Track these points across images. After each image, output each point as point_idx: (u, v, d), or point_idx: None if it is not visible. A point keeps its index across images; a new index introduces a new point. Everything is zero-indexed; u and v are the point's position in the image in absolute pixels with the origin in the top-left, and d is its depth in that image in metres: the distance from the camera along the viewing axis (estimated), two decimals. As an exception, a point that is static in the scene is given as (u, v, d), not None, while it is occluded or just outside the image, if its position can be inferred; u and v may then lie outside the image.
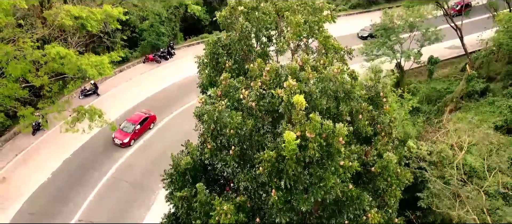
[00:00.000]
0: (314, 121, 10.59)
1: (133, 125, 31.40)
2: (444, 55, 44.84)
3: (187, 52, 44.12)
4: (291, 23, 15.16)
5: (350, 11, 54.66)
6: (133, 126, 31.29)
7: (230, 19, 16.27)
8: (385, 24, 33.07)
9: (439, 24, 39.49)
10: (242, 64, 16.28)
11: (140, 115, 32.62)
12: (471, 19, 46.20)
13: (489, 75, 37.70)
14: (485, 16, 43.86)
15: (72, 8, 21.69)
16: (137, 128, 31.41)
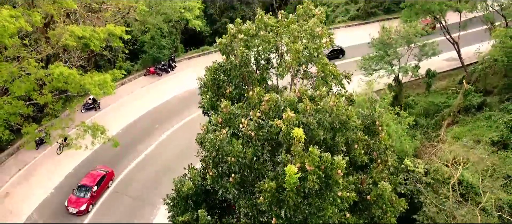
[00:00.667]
0: (313, 154, 11.01)
1: (90, 187, 26.89)
2: (442, 67, 45.35)
3: (188, 64, 44.74)
4: (291, 50, 15.62)
5: (349, 23, 55.22)
6: (90, 189, 26.81)
7: (231, 46, 16.73)
8: (382, 39, 33.57)
9: (437, 35, 40.11)
10: (242, 89, 16.73)
11: (96, 173, 28.06)
12: (469, 31, 46.70)
13: (486, 89, 38.13)
14: (483, 28, 44.36)
15: (76, 29, 22.14)
16: (94, 190, 26.91)
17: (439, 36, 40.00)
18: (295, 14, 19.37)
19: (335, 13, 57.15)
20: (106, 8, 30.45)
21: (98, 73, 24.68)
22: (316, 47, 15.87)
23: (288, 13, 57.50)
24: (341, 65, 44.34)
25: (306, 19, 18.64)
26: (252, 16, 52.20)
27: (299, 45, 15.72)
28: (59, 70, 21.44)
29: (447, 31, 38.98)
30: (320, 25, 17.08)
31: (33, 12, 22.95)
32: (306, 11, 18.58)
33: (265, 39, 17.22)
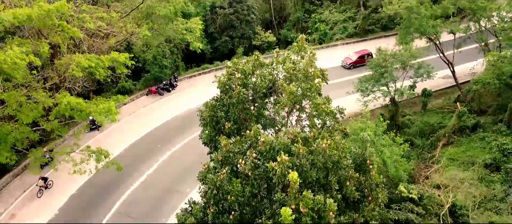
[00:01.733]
0: (307, 197, 11.85)
1: None
2: (438, 85, 46.25)
3: (189, 83, 45.74)
4: (286, 91, 16.54)
5: (347, 40, 56.28)
6: None
7: (228, 84, 17.64)
8: (378, 62, 34.53)
9: (434, 53, 41.05)
10: (241, 124, 17.61)
11: None
12: (464, 48, 47.62)
13: (481, 108, 39.03)
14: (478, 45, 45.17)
15: (82, 60, 23.09)
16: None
17: (435, 54, 41.04)
18: (291, 48, 20.33)
19: (333, 30, 58.25)
20: (110, 32, 31.47)
21: (102, 100, 25.60)
22: (309, 88, 16.78)
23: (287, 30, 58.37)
24: (340, 83, 45.68)
25: (301, 55, 19.56)
26: (252, 34, 53.51)
27: (293, 87, 16.66)
28: (66, 100, 22.36)
29: (441, 51, 39.97)
30: (312, 65, 17.99)
31: (41, 43, 23.98)
32: (301, 49, 19.52)
33: (262, 77, 18.15)
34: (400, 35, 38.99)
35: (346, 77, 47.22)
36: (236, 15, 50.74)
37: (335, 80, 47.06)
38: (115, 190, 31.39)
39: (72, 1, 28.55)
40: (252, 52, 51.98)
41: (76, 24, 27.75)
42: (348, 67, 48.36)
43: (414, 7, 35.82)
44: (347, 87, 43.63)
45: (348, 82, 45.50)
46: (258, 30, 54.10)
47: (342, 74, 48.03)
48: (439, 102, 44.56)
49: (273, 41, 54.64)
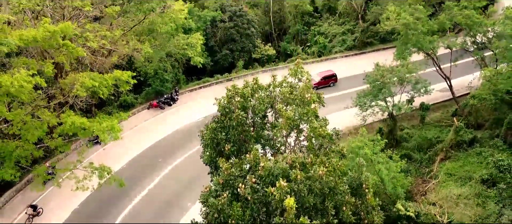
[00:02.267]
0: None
1: None
2: (436, 98, 46.78)
3: (190, 97, 46.30)
4: (283, 116, 17.07)
5: (346, 53, 56.92)
6: None
7: (228, 107, 18.18)
8: (376, 78, 35.09)
9: (431, 66, 41.60)
10: (241, 145, 18.12)
11: None
12: (462, 61, 48.19)
13: (478, 122, 39.52)
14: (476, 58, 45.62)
15: (86, 80, 23.67)
16: None
17: (433, 67, 41.59)
18: (289, 72, 20.90)
19: (332, 43, 58.91)
20: (113, 50, 32.11)
21: (105, 118, 26.16)
22: (305, 113, 17.31)
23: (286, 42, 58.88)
24: (342, 96, 46.26)
25: (298, 77, 20.10)
26: (252, 48, 54.18)
27: (290, 112, 17.20)
28: (70, 120, 22.90)
29: (438, 66, 40.58)
30: (309, 90, 18.53)
31: (46, 63, 24.60)
32: (297, 72, 20.09)
33: (260, 100, 18.70)
34: (397, 50, 39.60)
35: (344, 91, 47.89)
36: (236, 29, 51.45)
37: (333, 94, 47.79)
38: (117, 205, 31.82)
39: (76, 21, 29.22)
40: (252, 66, 53.09)
41: (79, 42, 28.39)
42: None
43: (411, 23, 36.49)
44: (344, 101, 44.31)
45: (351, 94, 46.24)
46: (258, 44, 54.80)
47: (338, 89, 48.62)
48: (437, 115, 45.07)
49: (273, 54, 55.31)
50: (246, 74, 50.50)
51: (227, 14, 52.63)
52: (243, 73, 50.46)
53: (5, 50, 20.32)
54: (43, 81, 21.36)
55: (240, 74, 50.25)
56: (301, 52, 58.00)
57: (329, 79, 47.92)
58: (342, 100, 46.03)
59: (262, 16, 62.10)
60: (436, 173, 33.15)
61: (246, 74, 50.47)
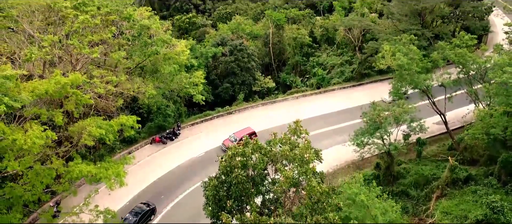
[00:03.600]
0: None
1: None
2: (432, 131, 47.82)
3: (191, 131, 47.32)
4: (283, 175, 18.07)
5: (344, 84, 58.23)
6: None
7: (229, 167, 19.18)
8: (372, 118, 36.18)
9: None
10: (241, 201, 19.06)
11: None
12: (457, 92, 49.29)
13: (473, 158, 40.51)
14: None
15: (94, 130, 24.74)
16: None
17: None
18: (288, 130, 21.93)
19: (330, 74, 60.32)
20: (118, 93, 33.33)
21: (111, 163, 27.11)
22: (304, 171, 18.30)
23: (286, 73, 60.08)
24: (340, 129, 47.26)
25: (297, 134, 21.14)
26: (252, 80, 55.55)
27: (290, 172, 18.19)
28: (78, 168, 23.87)
29: (433, 103, 41.78)
30: (307, 150, 19.54)
31: (56, 113, 25.73)
32: (296, 130, 21.14)
33: (260, 159, 19.72)
34: (393, 88, 40.85)
35: (343, 124, 48.97)
36: (237, 62, 52.94)
37: (331, 127, 48.87)
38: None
39: (84, 67, 30.51)
40: (252, 98, 54.33)
41: (87, 88, 29.60)
42: None
43: (405, 64, 37.82)
44: (343, 134, 45.38)
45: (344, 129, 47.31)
46: (258, 76, 56.22)
47: (337, 121, 49.63)
48: (433, 149, 46.04)
49: (272, 87, 56.63)
50: (246, 107, 51.71)
51: (227, 47, 54.22)
52: (244, 106, 51.66)
53: (19, 106, 21.46)
54: (54, 134, 22.41)
55: (241, 107, 51.44)
56: (300, 84, 59.40)
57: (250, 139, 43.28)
58: (340, 133, 47.10)
59: (262, 48, 63.74)
60: (432, 211, 33.90)
61: (246, 107, 51.68)
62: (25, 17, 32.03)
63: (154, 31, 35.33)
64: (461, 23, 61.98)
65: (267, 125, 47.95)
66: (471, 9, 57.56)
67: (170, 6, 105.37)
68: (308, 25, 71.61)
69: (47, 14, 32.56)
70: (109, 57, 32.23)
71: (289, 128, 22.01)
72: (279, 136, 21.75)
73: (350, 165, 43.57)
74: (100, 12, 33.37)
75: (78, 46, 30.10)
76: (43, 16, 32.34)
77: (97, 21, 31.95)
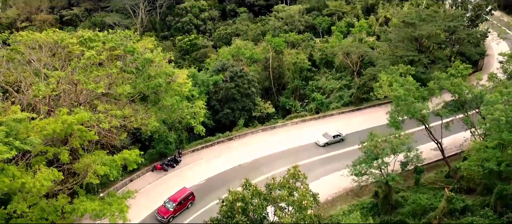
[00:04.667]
0: None
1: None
2: (430, 157, 48.60)
3: (192, 158, 47.98)
4: (281, 219, 18.76)
5: (343, 109, 59.09)
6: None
7: (231, 212, 19.87)
8: (370, 149, 36.95)
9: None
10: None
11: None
12: (454, 118, 50.09)
13: (470, 187, 41.13)
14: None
15: (98, 168, 25.47)
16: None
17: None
18: (287, 176, 22.67)
19: (329, 98, 61.26)
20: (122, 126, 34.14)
21: (115, 199, 27.74)
22: (303, 217, 18.99)
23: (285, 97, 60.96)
24: (339, 155, 47.97)
25: (296, 179, 21.88)
26: (252, 106, 56.47)
27: (288, 218, 18.88)
28: (83, 206, 24.52)
29: (430, 132, 42.59)
30: (305, 197, 20.26)
31: (61, 150, 26.49)
32: (295, 175, 21.89)
33: (259, 205, 20.44)
34: (390, 118, 41.68)
35: (341, 150, 49.70)
36: (237, 89, 53.93)
37: (330, 153, 49.58)
38: None
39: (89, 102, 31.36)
40: (252, 123, 55.13)
41: (92, 123, 30.41)
42: (166, 222, 37.65)
43: (402, 96, 38.76)
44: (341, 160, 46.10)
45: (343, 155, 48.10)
46: (258, 102, 57.14)
47: (336, 148, 50.34)
48: (431, 176, 46.63)
49: (272, 112, 57.51)
50: (247, 132, 52.49)
51: (228, 73, 55.27)
52: (244, 131, 52.45)
53: (29, 149, 22.26)
54: (61, 174, 23.13)
55: (241, 133, 52.22)
56: (299, 108, 60.31)
57: (187, 201, 39.18)
58: (340, 160, 47.77)
59: (262, 72, 64.85)
60: (430, 242, 34.43)
61: (246, 132, 52.46)
62: (33, 53, 33.03)
63: (157, 64, 36.30)
64: (457, 48, 63.28)
65: (267, 151, 48.72)
66: (466, 36, 58.82)
67: (171, 26, 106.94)
68: (307, 49, 72.95)
69: (54, 50, 33.59)
70: (114, 90, 33.11)
71: (288, 172, 22.74)
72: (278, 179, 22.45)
73: (349, 192, 44.11)
74: (105, 47, 34.43)
75: (84, 82, 31.04)
76: (50, 52, 33.36)
77: (102, 56, 32.98)
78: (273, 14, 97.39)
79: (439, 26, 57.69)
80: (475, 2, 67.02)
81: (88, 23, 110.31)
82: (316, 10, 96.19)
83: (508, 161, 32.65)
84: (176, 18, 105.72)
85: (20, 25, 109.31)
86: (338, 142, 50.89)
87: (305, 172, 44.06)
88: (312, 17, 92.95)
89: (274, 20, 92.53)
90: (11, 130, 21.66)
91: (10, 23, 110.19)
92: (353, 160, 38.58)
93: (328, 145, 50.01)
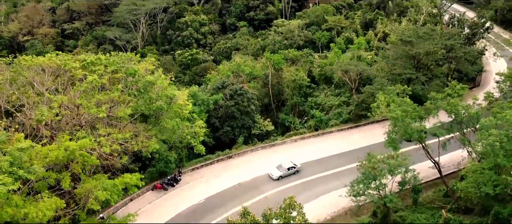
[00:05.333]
0: None
1: None
2: (428, 175, 48.90)
3: (192, 176, 48.35)
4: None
5: (342, 126, 59.51)
6: None
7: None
8: (368, 170, 37.35)
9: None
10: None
11: None
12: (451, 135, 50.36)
13: (467, 206, 41.41)
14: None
15: (100, 194, 25.91)
16: None
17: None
18: (283, 206, 23.09)
19: (328, 115, 61.73)
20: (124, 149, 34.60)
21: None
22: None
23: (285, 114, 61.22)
24: (338, 173, 48.30)
25: (292, 208, 22.31)
26: (252, 124, 56.99)
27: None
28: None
29: (427, 153, 43.02)
30: None
31: (63, 176, 26.94)
32: (291, 205, 22.32)
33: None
34: (388, 139, 42.13)
35: (340, 168, 50.05)
36: (237, 107, 54.49)
37: (330, 171, 49.93)
38: None
39: (90, 126, 31.89)
40: (252, 141, 55.55)
41: (93, 146, 30.89)
42: None
43: (399, 117, 39.30)
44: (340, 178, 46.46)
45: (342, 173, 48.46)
46: (258, 119, 57.66)
47: (335, 165, 50.68)
48: (429, 195, 46.88)
49: (272, 130, 57.98)
50: (246, 150, 52.92)
51: (228, 91, 55.89)
52: (243, 149, 52.87)
53: (33, 178, 22.74)
54: (63, 202, 23.55)
55: (240, 151, 52.64)
56: (298, 125, 60.81)
57: None
58: (338, 178, 48.14)
59: (262, 88, 65.50)
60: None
61: (246, 150, 52.89)
62: (36, 77, 33.66)
63: (158, 86, 36.90)
64: (455, 65, 64.02)
65: (267, 169, 48.99)
66: (463, 54, 59.59)
67: (171, 40, 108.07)
68: (306, 64, 73.71)
69: (57, 73, 34.23)
70: (115, 114, 33.65)
71: (284, 202, 23.15)
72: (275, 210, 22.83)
73: (348, 211, 44.35)
74: (107, 70, 35.07)
75: (86, 106, 31.59)
76: (53, 76, 34.00)
77: (104, 80, 33.60)
78: (273, 28, 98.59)
79: (436, 44, 58.50)
80: (472, 21, 67.98)
81: (89, 37, 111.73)
82: (315, 25, 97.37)
83: (504, 184, 33.03)
84: (176, 32, 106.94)
85: (22, 39, 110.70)
86: (293, 174, 48.67)
87: (304, 190, 46.50)
88: (311, 32, 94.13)
89: (274, 35, 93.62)
90: (14, 159, 22.13)
91: (12, 36, 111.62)
92: (352, 179, 38.96)
93: (282, 178, 47.77)
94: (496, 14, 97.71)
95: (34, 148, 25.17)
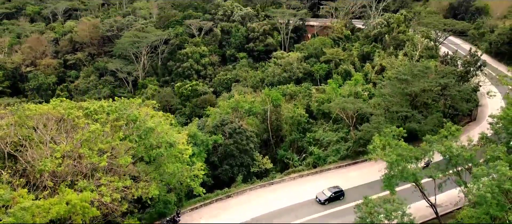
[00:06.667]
0: None
1: None
2: (425, 215, 49.05)
3: (192, 217, 48.51)
4: None
5: (340, 163, 60.06)
6: None
7: None
8: (364, 215, 37.79)
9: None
10: None
11: None
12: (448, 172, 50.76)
13: (466, 247, 41.58)
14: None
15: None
16: None
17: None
18: None
19: (326, 151, 62.32)
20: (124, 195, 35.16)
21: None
22: None
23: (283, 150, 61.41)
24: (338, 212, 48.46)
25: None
26: (251, 161, 57.60)
27: None
28: None
29: (424, 195, 43.52)
30: None
31: None
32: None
33: None
34: (385, 181, 42.69)
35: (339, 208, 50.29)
36: (236, 145, 55.23)
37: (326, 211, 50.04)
38: None
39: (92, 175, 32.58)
40: (250, 178, 56.00)
41: (94, 196, 31.46)
42: None
43: (394, 162, 40.03)
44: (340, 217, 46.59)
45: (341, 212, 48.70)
46: (256, 157, 58.26)
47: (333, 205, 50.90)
48: (427, 236, 47.18)
49: (270, 168, 58.50)
50: (245, 189, 53.25)
51: (227, 128, 56.75)
52: (242, 188, 53.23)
53: (34, 237, 23.31)
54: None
55: (239, 189, 53.00)
56: (297, 161, 61.36)
57: None
58: (337, 217, 48.35)
59: (260, 124, 66.40)
60: None
61: (245, 189, 53.22)
62: (41, 125, 34.57)
63: (159, 132, 37.76)
64: (450, 102, 65.19)
65: (266, 209, 49.08)
66: (457, 92, 60.83)
67: (172, 71, 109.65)
68: (305, 99, 74.93)
69: (61, 123, 35.16)
70: (116, 162, 34.37)
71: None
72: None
73: (346, 253, 44.48)
74: (109, 118, 36.03)
75: (88, 155, 32.36)
76: (56, 126, 34.92)
77: (106, 128, 34.48)
78: (273, 60, 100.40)
79: (431, 82, 59.82)
80: (464, 58, 69.61)
81: (91, 68, 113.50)
82: (314, 57, 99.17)
83: (500, 232, 33.49)
84: (177, 63, 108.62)
85: (25, 70, 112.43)
86: None
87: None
88: (310, 64, 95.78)
89: (274, 67, 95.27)
90: (17, 220, 22.73)
91: (15, 67, 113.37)
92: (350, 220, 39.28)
93: None
94: (490, 46, 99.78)
95: (36, 203, 25.80)
